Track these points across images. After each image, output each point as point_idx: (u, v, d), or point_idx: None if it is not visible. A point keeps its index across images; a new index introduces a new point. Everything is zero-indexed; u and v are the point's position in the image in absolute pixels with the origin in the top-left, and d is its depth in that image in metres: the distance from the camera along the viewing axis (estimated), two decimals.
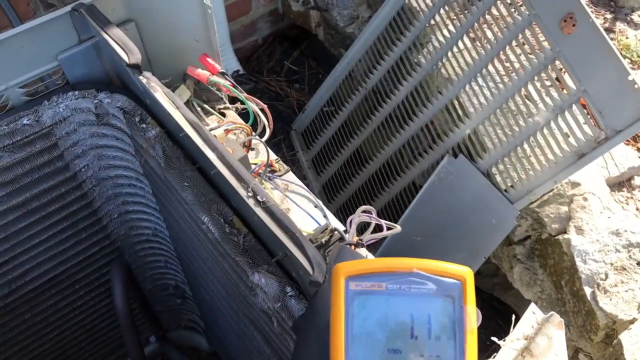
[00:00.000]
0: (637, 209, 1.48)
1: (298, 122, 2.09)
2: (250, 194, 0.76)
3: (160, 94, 0.89)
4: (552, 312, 0.71)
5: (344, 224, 0.79)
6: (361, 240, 0.76)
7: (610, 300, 1.33)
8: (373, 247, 1.82)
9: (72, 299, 1.35)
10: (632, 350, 1.26)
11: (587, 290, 1.36)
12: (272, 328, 0.92)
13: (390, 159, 1.78)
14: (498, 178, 1.45)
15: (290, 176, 0.97)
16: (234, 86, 1.01)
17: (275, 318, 0.88)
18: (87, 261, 1.30)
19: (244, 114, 1.03)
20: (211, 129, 0.93)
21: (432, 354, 0.52)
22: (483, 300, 1.92)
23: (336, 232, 0.79)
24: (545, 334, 0.73)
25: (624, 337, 1.28)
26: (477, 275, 1.87)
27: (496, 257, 1.63)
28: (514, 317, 0.77)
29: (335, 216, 0.88)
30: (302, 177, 2.06)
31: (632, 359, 1.25)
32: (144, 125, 0.99)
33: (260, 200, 0.75)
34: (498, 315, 1.87)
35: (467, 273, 0.53)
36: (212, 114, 1.07)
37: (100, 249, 1.30)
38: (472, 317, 0.52)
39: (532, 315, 0.72)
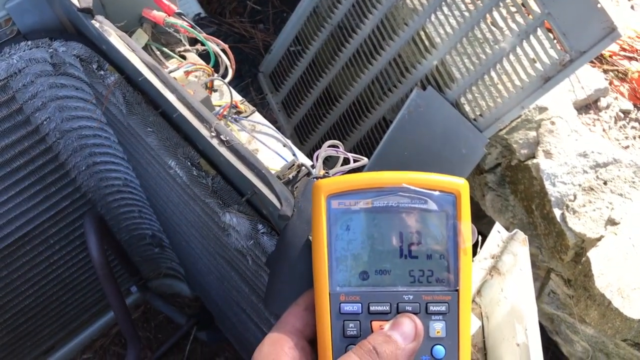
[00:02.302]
0: (603, 130, 1.50)
1: (265, 63, 2.05)
2: (213, 134, 0.75)
3: (114, 37, 0.86)
4: (516, 230, 0.72)
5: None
6: (328, 173, 0.76)
7: (579, 220, 1.36)
8: None
9: (48, 254, 1.34)
10: (599, 266, 1.30)
11: (557, 212, 1.39)
12: (247, 266, 0.93)
13: (360, 96, 1.77)
14: (467, 107, 1.45)
15: (257, 117, 0.96)
16: (191, 26, 0.98)
17: (249, 256, 0.89)
18: (59, 215, 1.29)
19: (206, 56, 1.01)
20: (170, 72, 0.91)
21: (423, 274, 0.49)
22: None
23: (303, 167, 0.79)
24: (511, 252, 0.75)
25: (591, 254, 1.33)
26: None
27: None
28: (480, 237, 0.79)
29: (309, 157, 0.87)
30: (273, 121, 2.05)
31: (599, 273, 1.30)
32: (102, 72, 0.97)
33: (224, 139, 0.74)
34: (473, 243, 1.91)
35: (462, 186, 0.48)
36: (172, 57, 1.04)
37: (71, 203, 1.29)
38: (467, 234, 0.48)
39: (497, 234, 0.74)
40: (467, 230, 0.48)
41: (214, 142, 0.74)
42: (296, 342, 0.50)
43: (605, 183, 1.39)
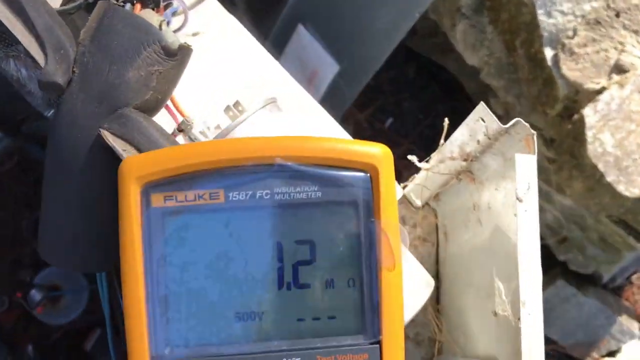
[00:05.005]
0: None
1: None
2: None
3: None
4: (518, 119, 0.39)
5: None
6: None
7: (577, 64, 1.05)
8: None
9: None
10: (596, 128, 1.01)
11: (548, 53, 1.07)
12: None
13: None
14: None
15: None
16: None
17: None
18: None
19: None
20: None
21: (318, 315, 0.30)
22: (419, 65, 1.64)
23: None
24: (501, 153, 0.42)
25: (587, 111, 1.03)
26: (412, 35, 1.55)
27: (435, 11, 1.30)
28: (446, 121, 0.45)
29: None
30: None
31: (593, 138, 1.01)
32: None
33: None
34: (436, 82, 1.60)
35: (380, 156, 0.29)
36: None
37: None
38: (394, 238, 0.27)
39: (482, 123, 0.40)
40: (393, 233, 0.27)
41: None
42: None
43: (617, 15, 1.05)
